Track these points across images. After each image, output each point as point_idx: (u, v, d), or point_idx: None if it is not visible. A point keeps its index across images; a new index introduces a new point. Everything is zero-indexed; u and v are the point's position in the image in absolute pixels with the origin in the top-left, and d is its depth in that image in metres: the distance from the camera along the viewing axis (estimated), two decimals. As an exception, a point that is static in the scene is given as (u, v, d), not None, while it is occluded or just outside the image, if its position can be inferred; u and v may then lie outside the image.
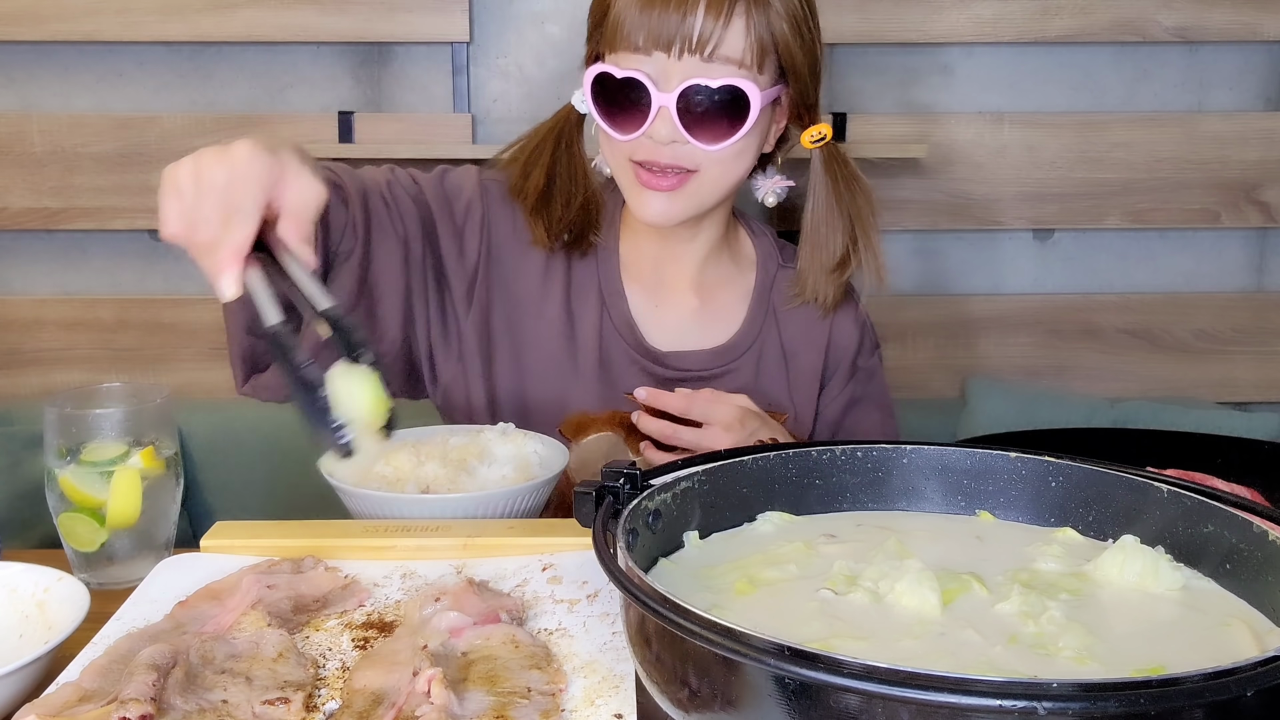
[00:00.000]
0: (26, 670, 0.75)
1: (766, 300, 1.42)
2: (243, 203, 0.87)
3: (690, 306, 1.40)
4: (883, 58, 2.48)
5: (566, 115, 1.35)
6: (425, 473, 1.09)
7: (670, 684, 0.61)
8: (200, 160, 0.89)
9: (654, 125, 1.21)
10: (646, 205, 1.26)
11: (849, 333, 1.43)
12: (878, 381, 1.48)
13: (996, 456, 0.86)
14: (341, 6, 2.38)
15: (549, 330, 1.36)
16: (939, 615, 0.69)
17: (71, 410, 1.03)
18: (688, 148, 1.22)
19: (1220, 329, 2.60)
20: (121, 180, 2.42)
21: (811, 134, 1.31)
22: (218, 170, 0.88)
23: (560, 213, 1.34)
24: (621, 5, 1.21)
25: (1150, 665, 0.64)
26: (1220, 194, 2.53)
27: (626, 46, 1.21)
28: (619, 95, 1.23)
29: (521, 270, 1.37)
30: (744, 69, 1.21)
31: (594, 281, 1.38)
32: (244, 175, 0.87)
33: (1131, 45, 2.49)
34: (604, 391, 1.35)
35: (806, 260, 1.37)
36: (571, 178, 1.34)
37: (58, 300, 2.50)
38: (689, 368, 1.38)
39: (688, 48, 1.19)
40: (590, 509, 0.74)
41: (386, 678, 0.75)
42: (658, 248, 1.38)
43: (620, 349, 1.37)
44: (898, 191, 2.50)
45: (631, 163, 1.25)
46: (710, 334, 1.40)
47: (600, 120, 1.25)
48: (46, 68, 2.44)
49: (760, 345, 1.40)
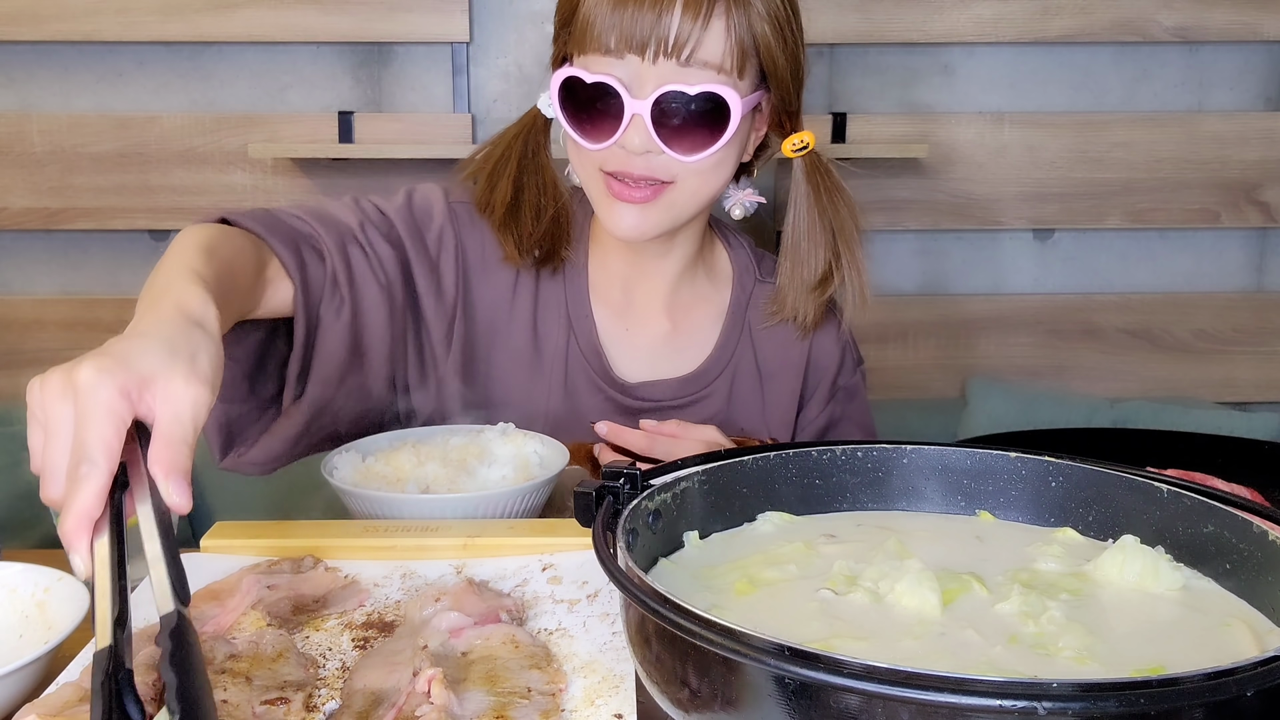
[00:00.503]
0: (26, 670, 0.75)
1: (742, 319, 1.35)
2: (88, 448, 0.68)
3: (661, 330, 1.34)
4: (883, 58, 2.48)
5: (533, 120, 1.26)
6: (425, 473, 1.09)
7: (670, 684, 0.61)
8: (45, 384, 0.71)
9: (626, 134, 1.13)
10: (618, 219, 1.17)
11: (829, 352, 1.37)
12: (859, 401, 1.41)
13: (996, 456, 0.86)
14: (341, 6, 2.38)
15: (515, 353, 1.30)
16: (939, 615, 0.69)
17: (71, 410, 1.02)
18: (663, 158, 1.14)
19: (1220, 329, 2.60)
20: (121, 180, 2.43)
21: (793, 142, 1.23)
22: (59, 406, 0.70)
23: (530, 226, 1.26)
24: (591, 3, 1.12)
25: (1150, 665, 0.64)
26: (1220, 194, 2.53)
27: (597, 48, 1.12)
28: (588, 101, 1.14)
29: (490, 291, 1.29)
30: (723, 74, 1.12)
31: (561, 302, 1.31)
32: (88, 410, 0.69)
33: (1132, 45, 2.49)
34: (569, 420, 1.29)
35: (786, 276, 1.29)
36: (540, 188, 1.26)
37: (58, 300, 2.50)
38: (658, 398, 1.31)
39: (663, 51, 1.10)
40: (590, 509, 0.74)
41: (386, 678, 0.75)
42: (628, 265, 1.31)
43: (586, 376, 1.30)
44: (898, 191, 2.50)
45: (602, 173, 1.17)
46: (681, 361, 1.33)
47: (568, 128, 1.17)
48: (46, 68, 2.44)
49: (734, 368, 1.34)
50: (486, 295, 1.29)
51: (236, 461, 1.16)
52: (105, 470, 0.67)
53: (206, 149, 2.42)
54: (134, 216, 2.45)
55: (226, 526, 1.00)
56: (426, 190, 1.30)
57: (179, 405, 0.71)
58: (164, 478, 0.69)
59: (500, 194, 1.26)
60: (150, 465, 0.69)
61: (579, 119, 1.16)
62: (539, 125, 1.26)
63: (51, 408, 0.70)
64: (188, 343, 0.76)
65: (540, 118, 1.26)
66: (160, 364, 0.72)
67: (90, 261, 2.51)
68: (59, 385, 0.70)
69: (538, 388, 1.30)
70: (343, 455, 1.12)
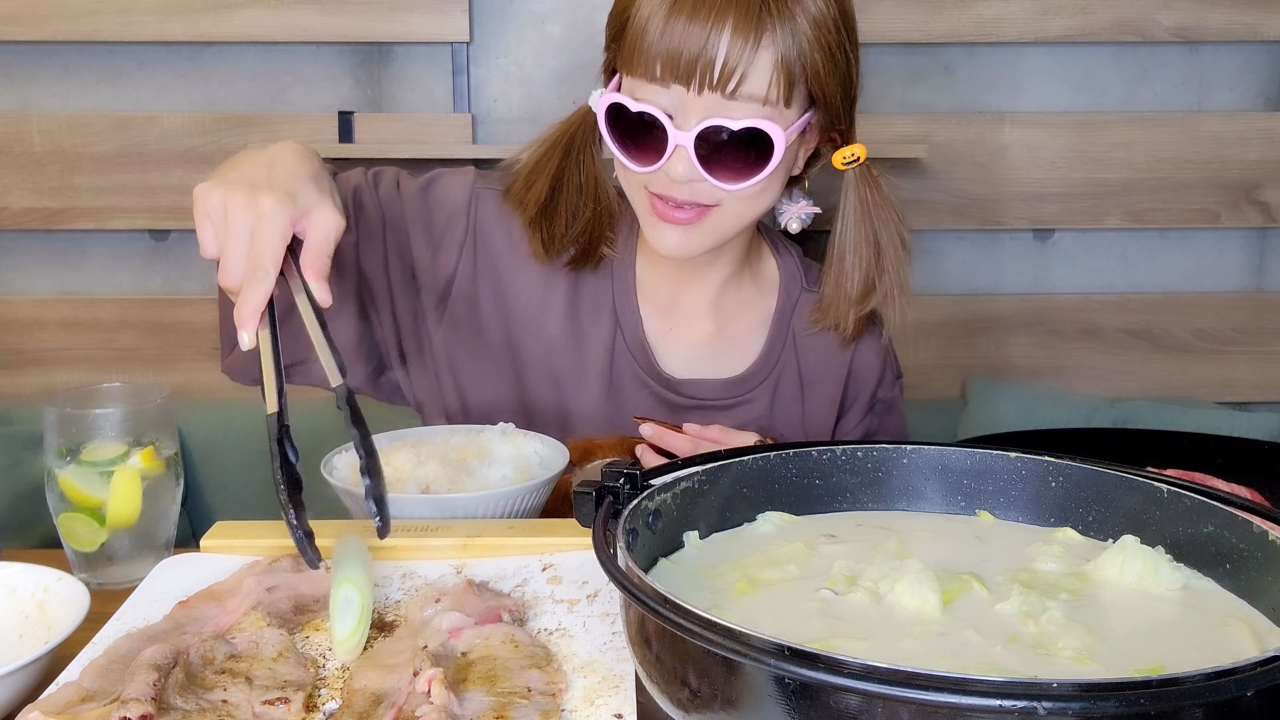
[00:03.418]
0: (26, 670, 0.75)
1: (786, 327, 1.35)
2: (263, 259, 0.92)
3: (706, 332, 1.34)
4: (883, 58, 2.48)
5: (581, 120, 1.25)
6: (425, 473, 1.09)
7: (670, 684, 0.61)
8: (230, 198, 0.94)
9: (670, 163, 1.12)
10: (662, 238, 1.18)
11: (870, 364, 1.37)
12: (896, 414, 1.41)
13: (996, 456, 0.86)
14: (341, 6, 2.38)
15: (549, 345, 1.31)
16: (939, 615, 0.69)
17: (71, 410, 1.03)
18: (706, 185, 1.14)
19: (1220, 329, 2.60)
20: (121, 180, 2.43)
21: (844, 155, 1.21)
22: (242, 219, 0.93)
23: (564, 227, 1.27)
24: (641, 22, 1.10)
25: (1150, 665, 0.64)
26: (1220, 194, 2.53)
27: (643, 74, 1.11)
28: (633, 127, 1.14)
29: (519, 283, 1.30)
30: (768, 105, 1.11)
31: (608, 297, 1.31)
32: (267, 230, 0.93)
33: (1131, 45, 2.49)
34: (610, 413, 1.30)
35: (831, 286, 1.28)
36: (581, 189, 1.26)
37: (58, 300, 2.50)
38: (702, 396, 1.32)
39: (709, 83, 1.09)
40: (590, 509, 0.74)
41: (387, 678, 0.75)
42: (675, 267, 1.30)
43: (631, 371, 1.31)
44: (898, 191, 2.50)
45: (648, 192, 1.17)
46: (726, 363, 1.34)
47: (615, 148, 1.17)
48: (46, 68, 2.44)
49: (778, 374, 1.34)
50: (512, 284, 1.30)
51: (230, 367, 1.25)
52: (273, 276, 0.93)
53: (206, 149, 2.41)
54: (134, 216, 2.45)
55: (226, 526, 1.00)
56: (456, 173, 1.33)
57: (327, 229, 0.97)
58: (315, 280, 0.95)
59: (536, 193, 1.26)
60: (304, 269, 0.95)
61: (624, 142, 1.16)
62: (589, 123, 1.24)
63: (235, 218, 0.94)
64: (328, 181, 1.03)
65: (590, 116, 1.23)
66: (315, 199, 0.97)
67: (90, 261, 2.51)
68: (244, 202, 0.94)
69: (577, 380, 1.31)
70: (343, 455, 1.12)
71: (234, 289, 0.94)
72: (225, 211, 0.94)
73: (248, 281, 0.92)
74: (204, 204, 0.96)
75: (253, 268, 0.92)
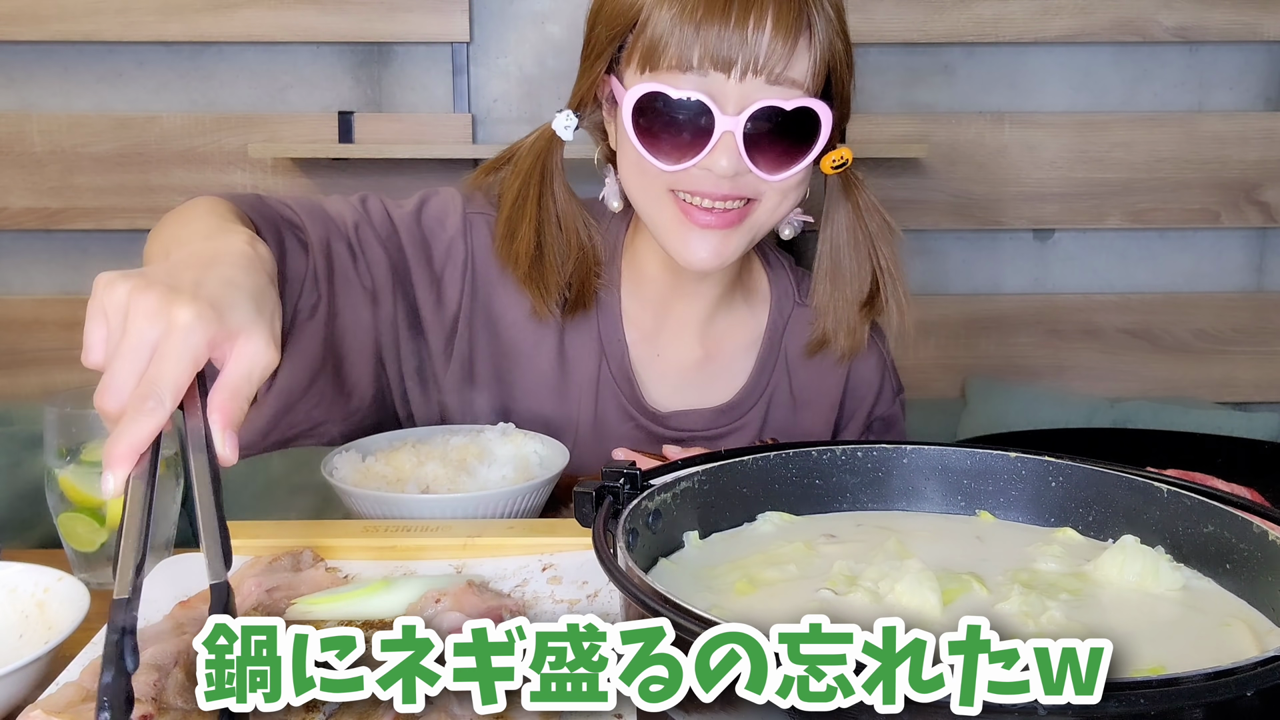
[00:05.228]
0: (26, 670, 0.75)
1: (778, 345, 1.29)
2: (160, 384, 0.69)
3: (694, 357, 1.28)
4: (883, 58, 2.48)
5: (547, 145, 1.17)
6: (425, 473, 1.09)
7: (670, 684, 0.61)
8: (138, 296, 0.72)
9: (713, 154, 1.05)
10: (694, 249, 1.10)
11: (868, 380, 1.31)
12: (896, 432, 1.35)
13: (996, 456, 0.86)
14: (341, 6, 2.38)
15: (540, 375, 1.24)
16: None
17: (71, 410, 1.03)
18: (749, 177, 1.07)
19: (1220, 329, 2.60)
20: (121, 180, 2.43)
21: (833, 159, 1.14)
22: (147, 327, 0.70)
23: (555, 276, 1.19)
24: (664, 17, 1.04)
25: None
26: (1220, 194, 2.53)
27: (675, 64, 1.04)
28: (669, 120, 1.06)
29: (511, 315, 1.23)
30: (805, 92, 1.06)
31: (593, 326, 1.25)
32: (175, 348, 0.70)
33: (1131, 45, 2.49)
34: (598, 449, 1.23)
35: (826, 297, 1.23)
36: (562, 226, 1.19)
37: (58, 300, 2.50)
38: (690, 428, 1.26)
39: (753, 68, 1.03)
40: (590, 509, 0.74)
41: (386, 678, 0.75)
42: (665, 288, 1.24)
43: (617, 404, 1.25)
44: (898, 191, 2.50)
45: (675, 199, 1.10)
46: (713, 389, 1.28)
47: (640, 147, 1.08)
48: (46, 68, 2.44)
49: (769, 397, 1.28)
50: (504, 316, 1.23)
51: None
52: (168, 410, 0.69)
53: (206, 149, 2.42)
54: (134, 216, 2.45)
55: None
56: (444, 198, 1.23)
57: (253, 363, 0.73)
58: (222, 429, 0.70)
59: (522, 243, 1.18)
60: (211, 413, 0.71)
61: (655, 138, 1.08)
62: (553, 148, 1.18)
63: (136, 325, 0.71)
64: (270, 302, 0.79)
65: (555, 140, 1.17)
66: (248, 321, 0.74)
67: (90, 261, 2.51)
68: (153, 307, 0.71)
69: (564, 412, 1.25)
70: (343, 455, 1.12)
71: (111, 415, 0.70)
72: (127, 312, 0.71)
73: (133, 410, 0.68)
74: (103, 296, 0.74)
75: (143, 393, 0.69)
